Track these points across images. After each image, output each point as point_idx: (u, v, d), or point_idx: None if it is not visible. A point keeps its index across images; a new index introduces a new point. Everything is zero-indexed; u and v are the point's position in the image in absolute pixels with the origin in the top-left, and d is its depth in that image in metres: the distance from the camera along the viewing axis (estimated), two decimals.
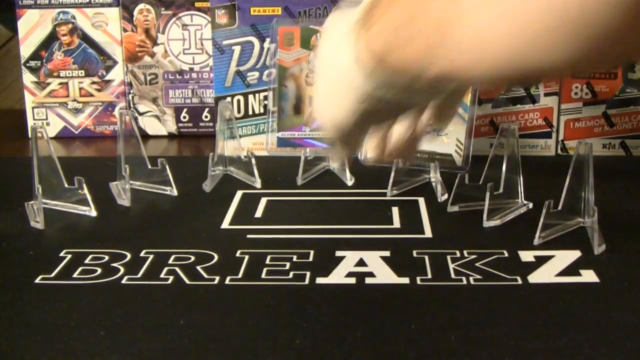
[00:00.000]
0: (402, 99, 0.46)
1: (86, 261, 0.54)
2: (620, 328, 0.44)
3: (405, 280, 0.51)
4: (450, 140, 0.74)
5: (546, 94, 0.79)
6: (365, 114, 0.48)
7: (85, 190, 0.63)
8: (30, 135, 0.64)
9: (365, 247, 0.55)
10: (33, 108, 0.90)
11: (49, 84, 0.89)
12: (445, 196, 0.65)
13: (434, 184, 0.68)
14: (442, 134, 0.74)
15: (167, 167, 0.67)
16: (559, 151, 0.81)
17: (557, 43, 0.33)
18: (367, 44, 0.45)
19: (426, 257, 0.54)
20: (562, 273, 0.51)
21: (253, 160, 0.70)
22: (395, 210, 0.63)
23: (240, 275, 0.52)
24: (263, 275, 0.51)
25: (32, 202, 0.61)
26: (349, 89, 0.47)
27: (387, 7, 0.43)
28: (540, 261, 0.53)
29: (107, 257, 0.54)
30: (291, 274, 0.52)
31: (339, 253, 0.55)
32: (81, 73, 0.89)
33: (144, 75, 0.89)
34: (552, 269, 0.52)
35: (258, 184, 0.69)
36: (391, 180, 0.67)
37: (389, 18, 0.43)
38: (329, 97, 0.50)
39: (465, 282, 0.50)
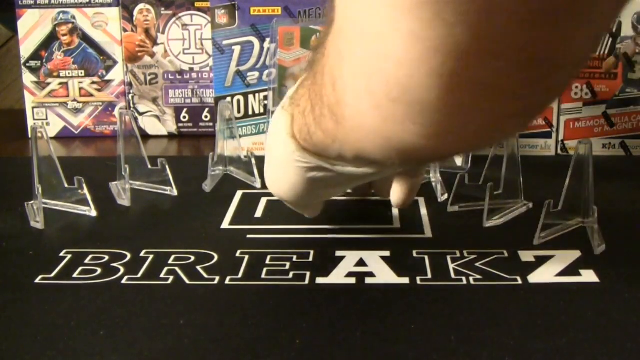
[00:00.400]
0: (341, 175, 0.48)
1: (86, 261, 0.54)
2: (620, 328, 0.44)
3: (405, 280, 0.51)
4: None
5: None
6: (311, 186, 0.50)
7: (85, 190, 0.63)
8: (30, 135, 0.64)
9: (365, 247, 0.55)
10: (33, 108, 0.90)
11: (49, 84, 0.89)
12: (445, 196, 0.65)
13: (434, 184, 0.68)
14: None
15: (167, 167, 0.67)
16: (559, 151, 0.81)
17: (403, 117, 0.35)
18: (290, 127, 0.48)
19: (426, 257, 0.54)
20: (562, 273, 0.51)
21: (253, 160, 0.70)
22: (395, 210, 0.63)
23: (240, 275, 0.52)
24: (263, 275, 0.51)
25: (32, 202, 0.62)
26: (288, 164, 0.50)
27: (301, 93, 0.46)
28: (540, 261, 0.53)
29: (107, 257, 0.54)
30: (291, 274, 0.52)
31: (339, 253, 0.55)
32: (81, 73, 0.89)
33: (144, 75, 0.89)
34: (552, 269, 0.52)
35: (258, 184, 0.69)
36: None
37: (301, 104, 0.46)
38: (274, 170, 0.53)
39: (465, 282, 0.50)
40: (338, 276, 0.51)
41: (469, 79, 0.32)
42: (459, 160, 0.74)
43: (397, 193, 0.59)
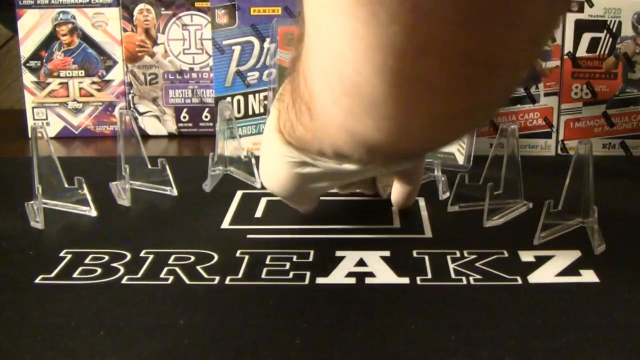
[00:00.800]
0: (326, 172, 0.49)
1: (86, 261, 0.54)
2: (620, 328, 0.44)
3: (405, 280, 0.51)
4: None
5: (546, 94, 0.80)
6: (300, 181, 0.51)
7: (85, 190, 0.63)
8: (30, 135, 0.64)
9: (365, 247, 0.55)
10: (33, 108, 0.90)
11: (49, 84, 0.89)
12: (447, 194, 0.65)
13: (436, 181, 0.68)
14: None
15: (167, 167, 0.67)
16: (559, 151, 0.81)
17: (359, 112, 0.37)
18: (277, 122, 0.49)
19: (426, 257, 0.54)
20: (562, 273, 0.51)
21: (253, 160, 0.70)
22: (395, 210, 0.63)
23: (240, 275, 0.52)
24: (263, 275, 0.51)
25: (32, 202, 0.61)
26: (277, 159, 0.51)
27: (286, 89, 0.48)
28: (540, 261, 0.53)
29: (107, 257, 0.54)
30: (291, 274, 0.52)
31: (339, 253, 0.55)
32: (81, 73, 0.89)
33: (144, 75, 0.89)
34: (552, 269, 0.52)
35: (258, 184, 0.69)
36: None
37: (285, 99, 0.47)
38: (266, 164, 0.54)
39: (465, 282, 0.50)
40: (338, 276, 0.51)
41: (409, 75, 0.33)
42: (460, 159, 0.74)
43: (396, 195, 0.60)
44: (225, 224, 0.61)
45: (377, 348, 0.42)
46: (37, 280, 0.51)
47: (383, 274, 0.51)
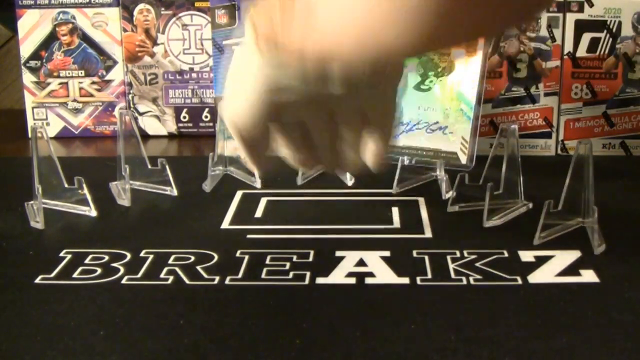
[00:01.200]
0: (300, 90, 0.47)
1: (86, 261, 0.54)
2: (620, 328, 0.44)
3: (405, 280, 0.51)
4: (455, 138, 0.74)
5: (546, 94, 0.80)
6: (269, 107, 0.48)
7: (85, 190, 0.63)
8: (30, 135, 0.64)
9: (365, 247, 0.55)
10: (33, 108, 0.90)
11: (49, 84, 0.89)
12: (450, 193, 0.65)
13: (439, 181, 0.68)
14: (448, 132, 0.74)
15: (167, 167, 0.67)
16: (559, 151, 0.81)
17: (391, 23, 0.38)
18: (258, 28, 0.46)
19: (426, 257, 0.54)
20: (562, 273, 0.51)
21: None
22: (395, 210, 0.63)
23: (240, 275, 0.52)
24: (263, 275, 0.51)
25: (32, 202, 0.61)
26: (250, 79, 0.47)
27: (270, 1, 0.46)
28: (540, 261, 0.53)
29: (107, 257, 0.54)
30: (291, 274, 0.52)
31: (339, 253, 0.55)
32: (81, 73, 0.89)
33: (144, 75, 0.89)
34: (552, 269, 0.52)
35: (258, 184, 0.69)
36: (397, 177, 0.67)
37: (273, 2, 0.45)
38: (233, 94, 0.50)
39: (465, 282, 0.50)
40: (338, 276, 0.51)
41: None
42: (463, 159, 0.74)
43: (370, 154, 0.54)
44: (225, 224, 0.61)
45: (377, 348, 0.42)
46: (37, 280, 0.51)
47: (383, 274, 0.51)
